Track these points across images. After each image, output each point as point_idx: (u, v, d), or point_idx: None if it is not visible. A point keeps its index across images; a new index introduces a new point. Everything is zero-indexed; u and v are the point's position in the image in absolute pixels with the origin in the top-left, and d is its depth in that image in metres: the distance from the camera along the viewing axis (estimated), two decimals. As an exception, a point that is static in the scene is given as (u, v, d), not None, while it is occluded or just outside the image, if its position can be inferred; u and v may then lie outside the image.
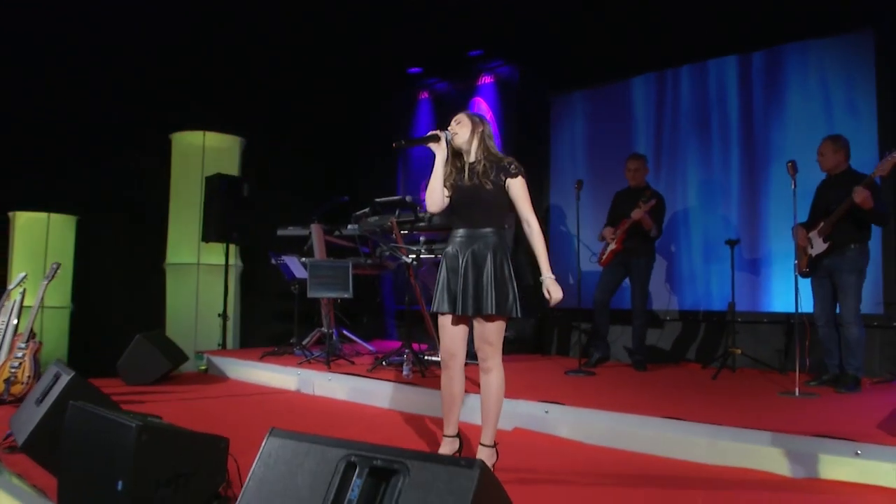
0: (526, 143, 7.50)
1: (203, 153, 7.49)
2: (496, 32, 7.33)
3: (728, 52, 6.35)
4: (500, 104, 7.86)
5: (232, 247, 7.48)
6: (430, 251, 5.91)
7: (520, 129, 7.63)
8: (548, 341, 7.30)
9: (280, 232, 7.28)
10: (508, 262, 3.19)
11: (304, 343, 6.63)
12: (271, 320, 8.07)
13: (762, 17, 6.02)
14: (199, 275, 7.50)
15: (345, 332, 7.17)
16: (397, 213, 6.02)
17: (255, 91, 7.95)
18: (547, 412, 4.18)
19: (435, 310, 3.22)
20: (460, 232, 3.22)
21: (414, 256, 5.65)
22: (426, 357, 5.77)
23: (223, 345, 7.23)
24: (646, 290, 5.91)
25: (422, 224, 5.91)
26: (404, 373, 5.24)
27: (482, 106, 8.00)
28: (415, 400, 4.82)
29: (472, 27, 7.18)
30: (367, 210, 6.34)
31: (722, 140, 6.42)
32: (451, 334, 3.23)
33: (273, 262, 6.79)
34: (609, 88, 7.16)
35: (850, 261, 4.69)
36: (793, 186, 4.59)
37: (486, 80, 7.99)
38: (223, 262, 7.36)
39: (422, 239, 5.89)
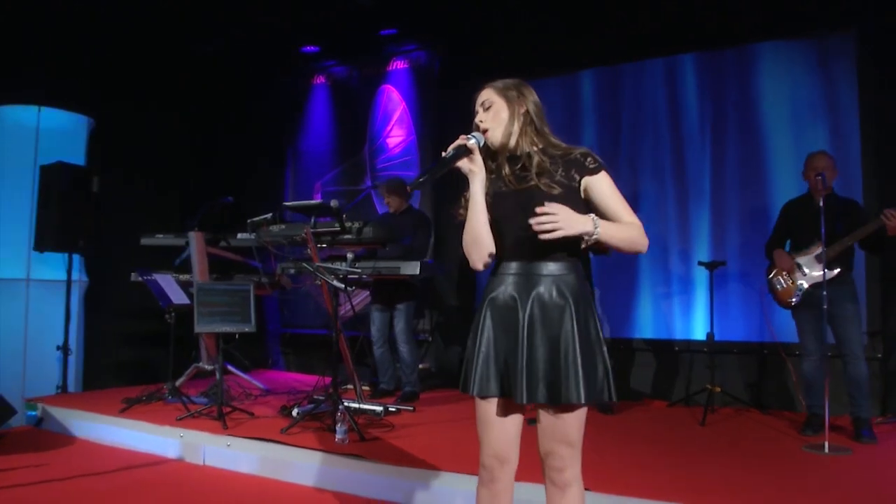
0: (447, 140, 6.40)
1: (37, 135, 5.64)
2: (413, 9, 6.19)
3: (688, 50, 5.68)
4: (415, 95, 6.73)
5: (75, 258, 5.72)
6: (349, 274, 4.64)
7: (440, 124, 6.54)
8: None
9: (145, 241, 5.67)
10: (595, 316, 2.10)
11: (177, 385, 5.10)
12: (128, 353, 6.35)
13: (731, 13, 5.40)
14: (28, 294, 5.65)
15: (228, 365, 5.72)
16: (313, 221, 4.72)
17: (111, 59, 6.22)
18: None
19: (475, 392, 2.07)
20: (512, 267, 2.10)
21: (336, 278, 4.37)
22: (359, 405, 4.51)
23: (63, 388, 5.49)
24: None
25: (348, 237, 4.65)
26: (338, 437, 3.96)
27: (392, 95, 6.83)
28: (359, 479, 3.58)
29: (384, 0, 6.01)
30: (269, 216, 4.96)
31: (681, 148, 5.73)
32: (501, 430, 2.10)
33: (139, 279, 5.19)
34: (548, 81, 6.26)
35: (851, 289, 4.25)
36: (820, 204, 3.91)
37: (399, 65, 6.83)
38: (63, 277, 5.60)
39: (350, 255, 4.63)
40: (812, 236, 4.22)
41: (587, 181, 2.08)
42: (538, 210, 1.91)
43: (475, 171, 2.09)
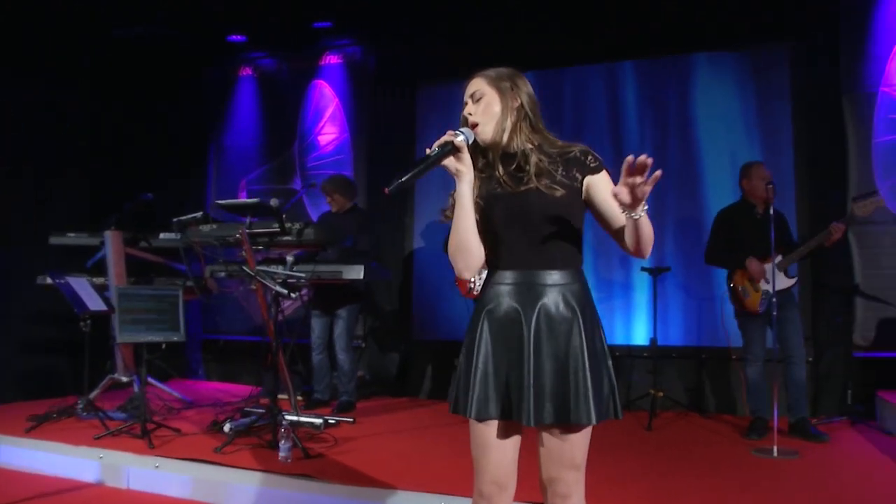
0: (383, 142, 6.19)
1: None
2: (349, 2, 5.93)
3: (630, 57, 5.68)
4: (349, 91, 6.45)
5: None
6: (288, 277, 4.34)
7: (375, 122, 6.30)
8: (416, 380, 6.04)
9: (54, 240, 5.14)
10: (601, 327, 1.95)
11: (91, 398, 4.64)
12: (31, 364, 5.75)
13: (672, 23, 5.45)
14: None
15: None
16: (248, 221, 4.39)
17: (16, 35, 5.63)
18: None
19: (472, 415, 1.87)
20: (511, 276, 1.91)
21: (277, 283, 4.07)
22: (297, 418, 4.21)
23: (-46, 405, 4.90)
24: None
25: (288, 238, 4.35)
26: (281, 455, 3.67)
27: (325, 91, 6.53)
28: (308, 501, 3.32)
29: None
30: (198, 215, 4.60)
31: (622, 154, 5.71)
32: (501, 455, 1.91)
33: (48, 282, 4.68)
34: None
35: (795, 296, 4.45)
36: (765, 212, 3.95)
37: (332, 59, 6.54)
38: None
39: (290, 258, 4.34)
40: (756, 244, 4.29)
41: (589, 180, 1.92)
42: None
43: (463, 170, 1.86)
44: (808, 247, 4.22)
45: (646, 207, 1.71)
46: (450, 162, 1.87)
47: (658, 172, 1.62)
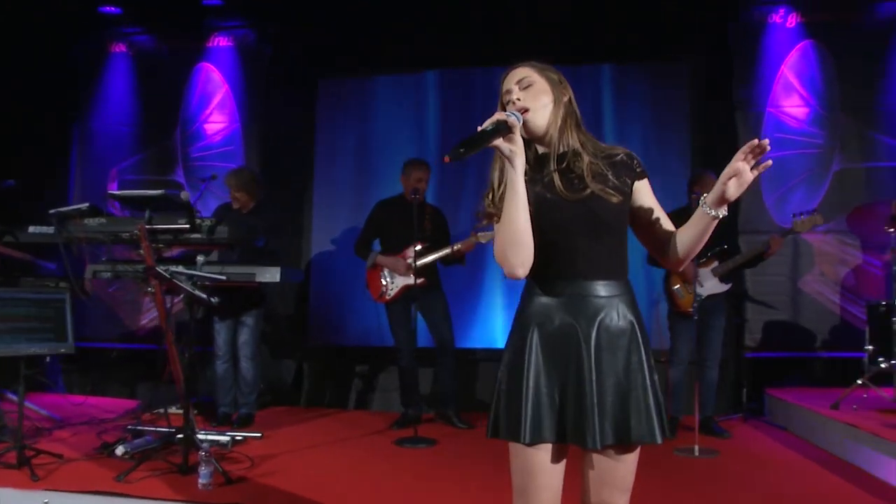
0: (279, 136, 5.78)
1: None
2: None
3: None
4: (242, 78, 5.96)
5: None
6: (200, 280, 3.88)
7: (271, 114, 5.86)
8: (313, 389, 5.69)
9: None
10: (649, 343, 1.84)
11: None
12: None
13: (584, 34, 5.55)
14: None
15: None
16: (147, 215, 3.87)
17: None
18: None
19: (527, 440, 1.68)
20: (564, 286, 1.74)
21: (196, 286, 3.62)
22: (205, 436, 3.77)
23: None
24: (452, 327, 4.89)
25: (197, 236, 3.88)
26: (202, 482, 3.24)
27: (213, 76, 6.00)
28: None
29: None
30: (83, 207, 4.00)
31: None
32: (551, 479, 1.74)
33: None
34: (390, 79, 5.94)
35: (723, 302, 4.61)
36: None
37: (221, 42, 6.01)
38: None
39: (200, 258, 3.86)
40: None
41: (636, 185, 1.81)
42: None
43: (516, 153, 1.64)
44: (744, 257, 4.41)
45: (727, 210, 1.65)
46: (501, 144, 1.64)
47: (769, 162, 1.55)
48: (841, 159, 5.42)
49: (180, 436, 3.56)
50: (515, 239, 1.68)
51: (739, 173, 1.56)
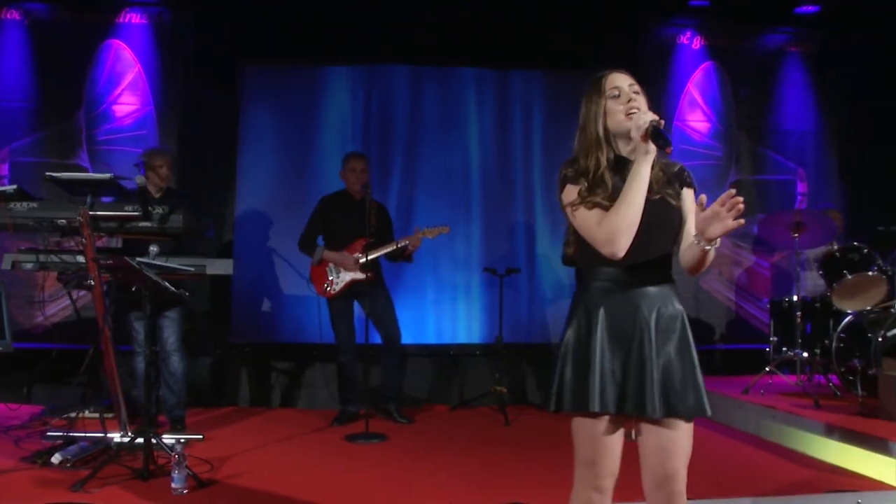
0: (198, 123, 5.46)
1: None
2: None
3: (478, 64, 5.86)
4: (157, 59, 5.56)
5: None
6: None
7: (189, 102, 5.52)
8: (234, 387, 5.43)
9: None
10: None
11: None
12: None
13: (514, 39, 5.75)
14: None
15: None
16: (89, 200, 3.57)
17: None
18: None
19: (597, 408, 1.83)
20: (626, 276, 1.89)
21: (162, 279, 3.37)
22: (157, 441, 3.52)
23: None
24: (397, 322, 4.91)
25: (147, 224, 3.62)
26: (176, 486, 3.05)
27: (123, 54, 5.55)
28: None
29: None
30: (10, 189, 3.61)
31: (459, 157, 5.86)
32: (616, 447, 1.91)
33: None
34: (331, 70, 5.82)
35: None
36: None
37: (134, 18, 5.57)
38: None
39: (154, 249, 3.60)
40: None
41: (684, 192, 1.99)
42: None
43: (652, 149, 1.82)
44: None
45: (717, 244, 1.81)
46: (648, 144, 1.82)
47: (742, 221, 1.71)
48: (736, 171, 6.03)
49: (140, 440, 3.31)
50: (633, 224, 1.81)
51: (717, 215, 1.72)
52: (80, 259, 3.72)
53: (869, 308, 4.47)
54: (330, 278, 4.68)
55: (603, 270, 1.92)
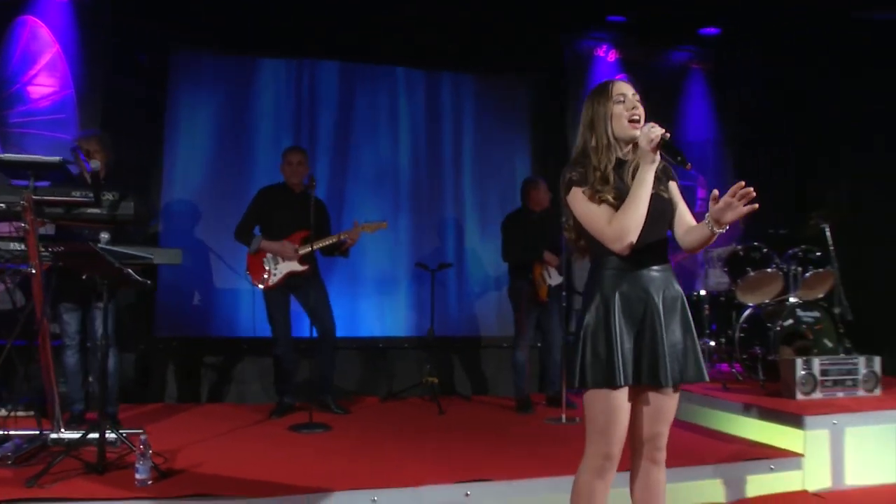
0: (122, 109, 5.25)
1: None
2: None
3: (415, 66, 6.02)
4: (78, 40, 5.26)
5: None
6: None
7: (112, 86, 5.28)
8: (159, 383, 5.26)
9: None
10: None
11: None
12: None
13: (449, 40, 5.91)
14: None
15: None
16: (32, 184, 3.41)
17: None
18: (468, 494, 3.09)
19: (623, 381, 2.09)
20: (637, 264, 2.17)
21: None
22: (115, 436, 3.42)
23: None
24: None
25: (96, 211, 3.50)
26: (140, 478, 2.99)
27: (40, 32, 5.24)
28: None
29: None
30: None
31: (389, 154, 5.97)
32: (625, 418, 2.17)
33: None
34: (267, 62, 5.76)
35: (560, 292, 5.17)
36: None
37: (51, -7, 5.29)
38: None
39: (105, 236, 3.48)
40: (538, 244, 5.02)
41: (670, 185, 2.31)
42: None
43: (657, 159, 2.10)
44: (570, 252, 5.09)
45: (725, 229, 2.11)
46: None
47: (756, 206, 2.02)
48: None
49: (93, 435, 3.21)
50: (639, 224, 2.08)
51: (730, 205, 2.02)
52: (16, 246, 3.57)
53: (767, 301, 5.00)
54: (267, 268, 4.66)
55: (611, 259, 2.16)
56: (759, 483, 3.51)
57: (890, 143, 5.50)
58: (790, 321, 4.71)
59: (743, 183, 2.00)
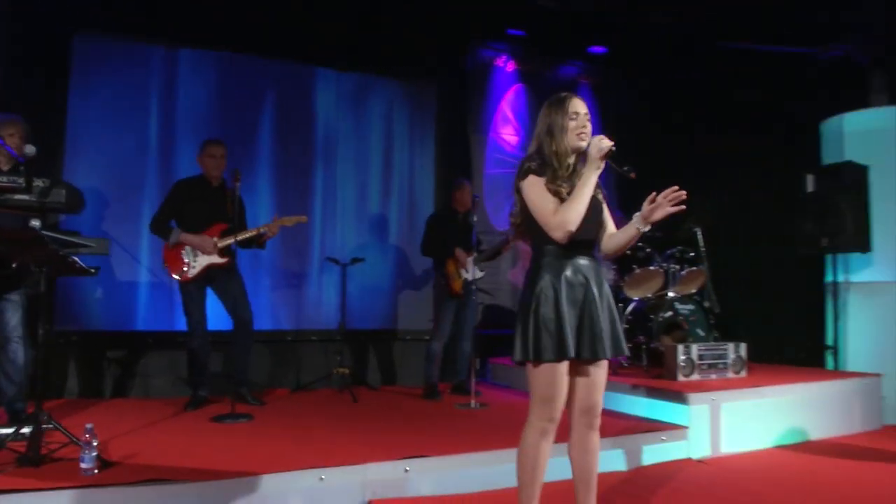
0: (22, 93, 4.95)
1: None
2: None
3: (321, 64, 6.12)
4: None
5: None
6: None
7: (7, 70, 5.02)
8: (59, 377, 5.06)
9: None
10: None
11: None
12: None
13: (362, 43, 6.11)
14: None
15: None
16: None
17: None
18: (407, 470, 3.34)
19: (571, 354, 2.44)
20: (578, 255, 2.53)
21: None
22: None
23: None
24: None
25: (25, 198, 3.40)
26: (86, 467, 2.99)
27: (-76, 6, 4.90)
28: None
29: None
30: None
31: (300, 149, 6.07)
32: (565, 388, 2.52)
33: None
34: (175, 52, 5.65)
35: (476, 287, 5.48)
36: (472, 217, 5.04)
37: (-64, -34, 4.94)
38: None
39: (36, 223, 3.37)
40: (460, 241, 5.32)
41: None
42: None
43: (602, 165, 2.46)
44: (493, 250, 5.45)
45: (649, 228, 2.55)
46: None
47: (683, 207, 2.45)
48: (537, 180, 6.99)
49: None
50: (580, 218, 2.44)
51: (661, 205, 2.44)
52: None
53: (650, 296, 5.60)
54: (186, 261, 4.65)
55: (551, 248, 2.51)
56: (652, 452, 4.01)
57: (746, 158, 6.32)
58: (669, 313, 5.33)
59: (676, 187, 2.39)
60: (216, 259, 4.68)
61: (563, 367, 2.45)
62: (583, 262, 2.52)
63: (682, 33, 6.31)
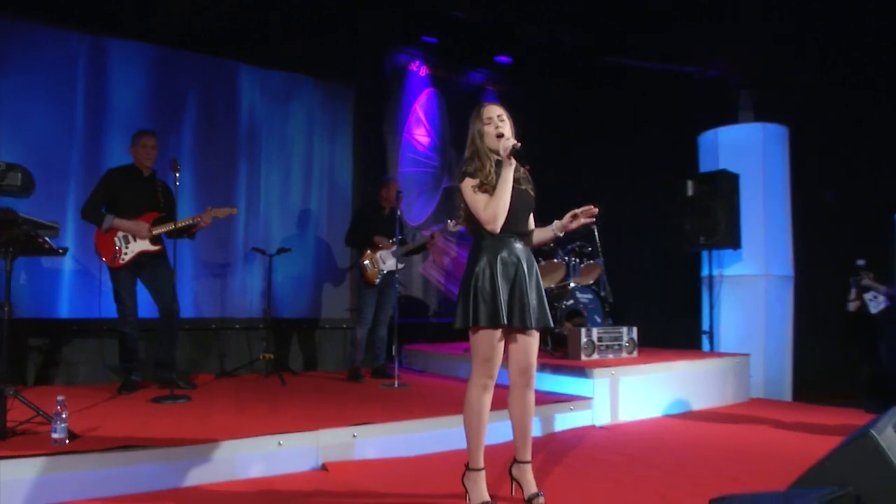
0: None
1: None
2: None
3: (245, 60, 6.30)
4: None
5: None
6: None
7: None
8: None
9: None
10: None
11: None
12: None
13: (277, 41, 6.33)
14: None
15: None
16: None
17: None
18: (355, 436, 3.71)
19: (503, 321, 2.88)
20: (511, 238, 3.00)
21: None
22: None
23: None
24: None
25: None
26: (57, 437, 3.15)
27: None
28: (90, 481, 3.05)
29: None
30: None
31: (225, 143, 6.22)
32: (501, 350, 2.98)
33: None
34: (71, 35, 5.63)
35: (398, 280, 5.82)
36: (395, 211, 5.44)
37: None
38: None
39: (-7, 208, 3.44)
40: (382, 233, 5.67)
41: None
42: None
43: (513, 163, 2.91)
44: (415, 244, 5.85)
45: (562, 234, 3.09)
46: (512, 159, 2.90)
47: (593, 219, 3.00)
48: (448, 179, 7.48)
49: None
50: (505, 209, 2.90)
51: (577, 217, 2.98)
52: None
53: (553, 286, 6.21)
54: (118, 247, 4.75)
55: (489, 236, 2.96)
56: (562, 420, 4.58)
57: (636, 164, 7.10)
58: (571, 301, 5.95)
59: (592, 206, 2.92)
60: (148, 246, 4.80)
61: (498, 332, 2.88)
62: (517, 245, 2.98)
63: (581, 48, 6.99)
